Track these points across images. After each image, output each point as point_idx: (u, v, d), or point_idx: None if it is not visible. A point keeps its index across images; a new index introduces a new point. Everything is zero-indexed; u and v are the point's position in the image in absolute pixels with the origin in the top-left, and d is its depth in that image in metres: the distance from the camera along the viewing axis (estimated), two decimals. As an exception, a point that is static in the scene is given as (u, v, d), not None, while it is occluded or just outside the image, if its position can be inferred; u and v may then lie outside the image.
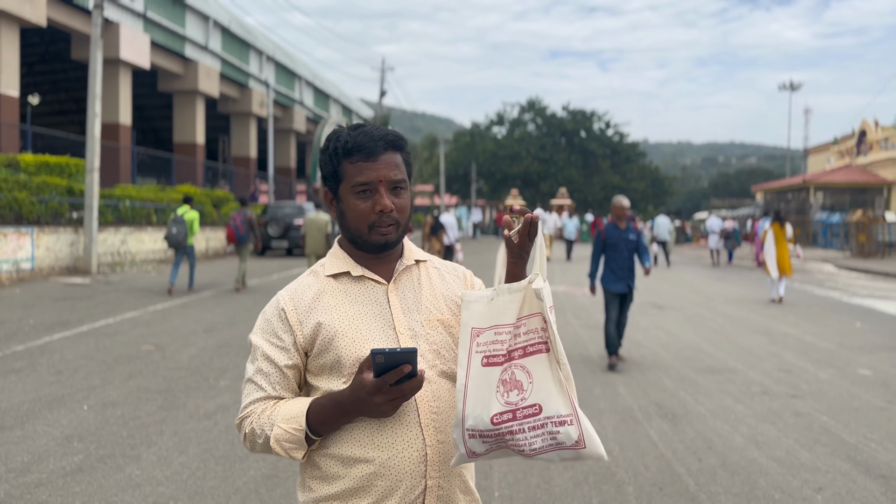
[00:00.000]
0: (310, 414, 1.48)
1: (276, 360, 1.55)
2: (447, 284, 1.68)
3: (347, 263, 1.62)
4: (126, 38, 21.10)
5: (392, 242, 1.59)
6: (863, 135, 39.07)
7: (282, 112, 35.09)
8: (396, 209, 1.57)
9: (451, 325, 1.62)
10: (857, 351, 8.40)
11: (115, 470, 4.15)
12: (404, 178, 1.59)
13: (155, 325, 8.99)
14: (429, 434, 1.51)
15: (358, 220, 1.57)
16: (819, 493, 4.06)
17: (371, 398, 1.40)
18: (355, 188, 1.56)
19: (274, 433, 1.49)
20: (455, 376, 1.58)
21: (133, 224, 17.61)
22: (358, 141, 1.56)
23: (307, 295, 1.59)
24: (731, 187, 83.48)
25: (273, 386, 1.55)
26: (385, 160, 1.56)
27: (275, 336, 1.57)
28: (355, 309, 1.57)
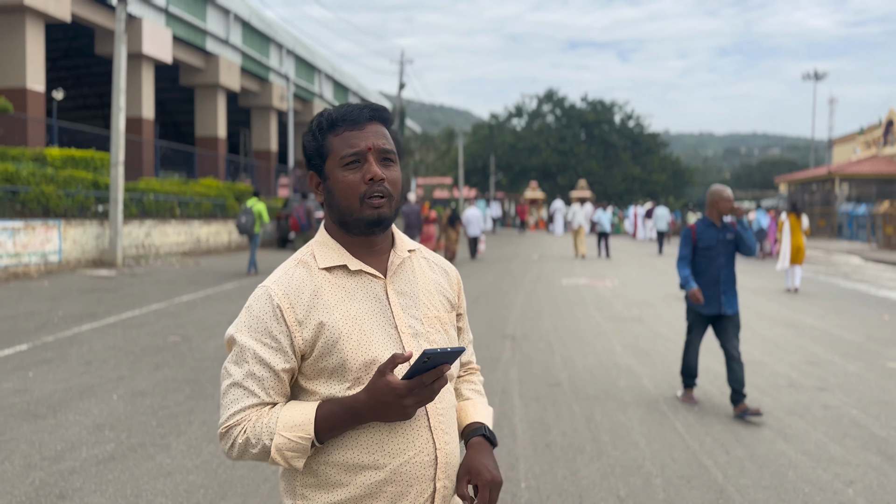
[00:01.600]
0: (317, 421, 1.39)
1: (272, 362, 1.42)
2: (438, 278, 1.63)
3: (343, 256, 1.51)
4: (148, 33, 21.28)
5: (385, 218, 1.48)
6: (890, 124, 38.42)
7: (302, 105, 35.23)
8: (388, 181, 1.48)
9: (445, 322, 1.58)
10: (886, 344, 8.29)
11: (145, 458, 4.21)
12: (394, 150, 1.51)
13: (181, 316, 9.08)
14: (438, 437, 1.47)
15: (347, 193, 1.46)
16: (850, 487, 4.02)
17: (401, 401, 1.34)
18: (343, 160, 1.47)
19: (275, 442, 1.39)
20: (452, 375, 1.58)
21: (157, 217, 17.80)
22: (342, 112, 1.50)
23: (304, 291, 1.46)
24: (753, 179, 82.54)
25: (267, 391, 1.43)
26: (372, 129, 1.49)
27: (268, 336, 1.43)
28: (356, 307, 1.47)
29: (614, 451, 4.51)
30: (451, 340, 1.58)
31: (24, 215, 13.42)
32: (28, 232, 13.08)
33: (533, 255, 22.01)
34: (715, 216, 5.53)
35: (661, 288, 13.65)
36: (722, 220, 5.54)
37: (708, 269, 5.51)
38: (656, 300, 11.78)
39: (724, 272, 5.49)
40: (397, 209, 1.52)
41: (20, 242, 12.87)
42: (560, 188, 51.07)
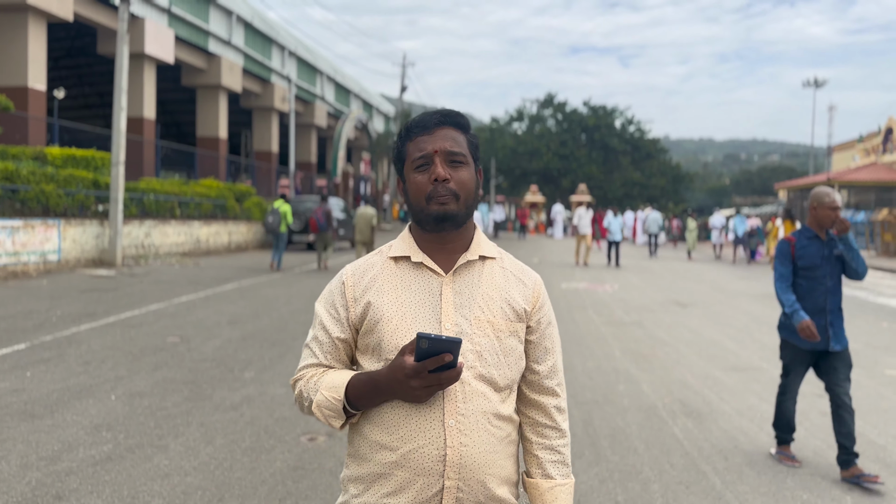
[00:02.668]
0: (349, 387, 1.52)
1: (330, 330, 1.61)
2: (509, 287, 1.63)
3: (410, 248, 1.62)
4: (151, 33, 21.30)
5: (451, 214, 1.55)
6: (889, 132, 38.45)
7: (303, 107, 35.26)
8: (454, 181, 1.55)
9: (500, 329, 1.57)
10: (885, 351, 8.29)
11: (143, 459, 4.20)
12: (463, 153, 1.58)
13: (180, 317, 9.07)
14: (451, 435, 1.49)
15: (417, 193, 1.57)
16: (848, 495, 4.02)
17: (408, 381, 1.42)
18: (414, 163, 1.58)
19: (316, 399, 1.55)
20: (494, 382, 1.55)
21: (157, 217, 17.79)
22: (416, 120, 1.61)
23: (368, 273, 1.62)
24: (753, 185, 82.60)
25: (325, 354, 1.61)
26: (441, 133, 1.58)
27: (333, 307, 1.62)
28: (407, 296, 1.57)
29: (613, 456, 4.50)
30: (504, 347, 1.57)
31: (24, 214, 13.41)
32: (27, 231, 13.08)
33: (533, 259, 22.01)
34: (817, 226, 4.44)
35: (660, 293, 13.65)
36: (827, 233, 4.45)
37: (811, 294, 4.41)
38: (656, 305, 11.78)
39: (830, 298, 4.41)
40: (470, 207, 1.59)
41: (19, 241, 12.86)
42: (561, 192, 51.10)
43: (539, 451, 1.64)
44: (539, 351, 1.64)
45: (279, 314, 9.54)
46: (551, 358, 1.66)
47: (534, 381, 1.64)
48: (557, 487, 1.62)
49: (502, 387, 1.56)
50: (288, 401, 5.50)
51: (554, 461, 1.64)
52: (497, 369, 1.55)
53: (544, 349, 1.65)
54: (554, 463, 1.64)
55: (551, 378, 1.65)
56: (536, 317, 1.64)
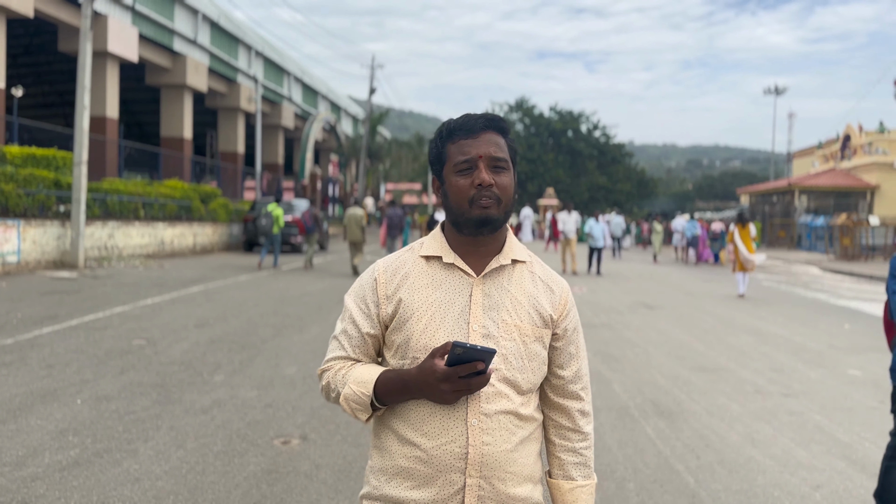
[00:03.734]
0: (377, 383, 1.55)
1: (360, 324, 1.63)
2: (538, 293, 1.64)
3: (442, 248, 1.63)
4: (114, 31, 20.91)
5: (493, 219, 1.56)
6: (847, 139, 39.48)
7: (270, 108, 34.94)
8: (497, 186, 1.56)
9: (526, 334, 1.59)
10: (846, 352, 8.49)
11: (112, 464, 4.10)
12: (506, 158, 1.59)
13: (145, 319, 8.90)
14: (473, 434, 1.52)
15: (459, 196, 1.57)
16: (817, 491, 4.10)
17: (438, 384, 1.46)
18: (457, 166, 1.58)
19: (345, 392, 1.58)
20: (517, 385, 1.57)
21: (120, 218, 17.45)
22: (460, 122, 1.61)
23: (400, 271, 1.63)
24: (715, 190, 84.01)
25: (353, 348, 1.64)
26: (485, 138, 1.58)
27: (363, 302, 1.64)
28: (436, 296, 1.59)
29: (587, 457, 4.52)
30: (529, 352, 1.58)
31: (-18, 214, 13.05)
32: (-14, 231, 12.71)
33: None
34: None
35: (627, 295, 13.80)
36: None
37: None
38: (624, 307, 11.90)
39: None
40: (508, 212, 1.61)
41: (-23, 242, 12.50)
42: (528, 196, 51.41)
43: (561, 454, 1.67)
44: (564, 357, 1.66)
45: (248, 317, 9.42)
46: (576, 363, 1.68)
47: (558, 386, 1.66)
48: (578, 489, 1.66)
49: (525, 390, 1.59)
50: (260, 404, 5.43)
51: (576, 463, 1.67)
52: (521, 373, 1.57)
53: (569, 355, 1.67)
54: (576, 465, 1.67)
55: (575, 383, 1.67)
56: (563, 324, 1.65)
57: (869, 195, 36.06)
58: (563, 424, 1.67)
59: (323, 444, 4.58)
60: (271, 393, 5.74)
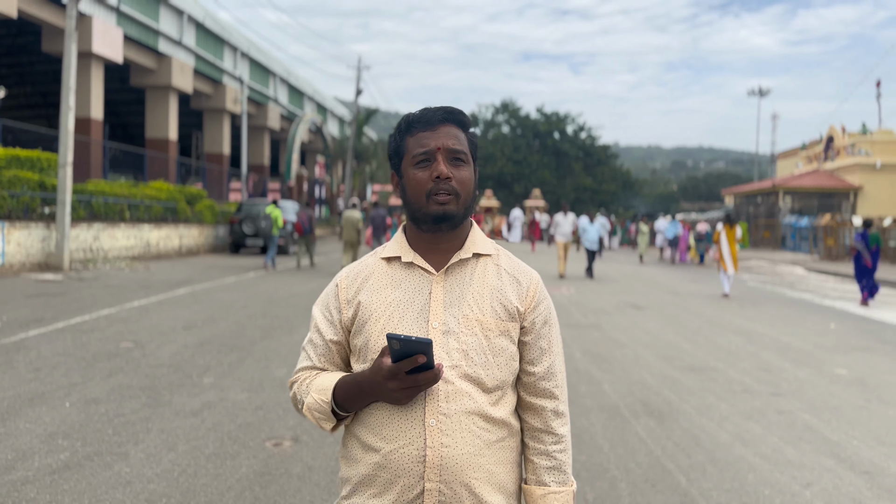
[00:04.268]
0: (336, 389, 1.52)
1: (324, 332, 1.61)
2: (503, 285, 1.58)
3: (402, 248, 1.60)
4: (99, 32, 20.75)
5: (451, 215, 1.52)
6: (830, 140, 39.86)
7: (256, 109, 34.80)
8: (456, 180, 1.53)
9: (489, 328, 1.52)
10: (833, 351, 8.57)
11: (103, 467, 4.07)
12: (465, 151, 1.55)
13: (132, 322, 8.84)
14: (431, 435, 1.45)
15: (416, 189, 1.54)
16: (807, 489, 4.13)
17: (386, 383, 1.41)
18: (415, 158, 1.54)
19: (307, 401, 1.56)
20: (481, 382, 1.50)
21: (106, 220, 17.31)
22: (419, 114, 1.58)
23: (361, 274, 1.61)
24: (699, 191, 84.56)
25: (319, 357, 1.62)
26: (444, 130, 1.55)
27: (327, 310, 1.62)
28: (396, 295, 1.55)
29: (580, 456, 4.54)
30: (493, 347, 1.51)
31: (-35, 216, 12.90)
32: (-31, 234, 12.57)
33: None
34: None
35: (615, 296, 13.86)
36: None
37: None
38: (612, 308, 11.95)
39: None
40: (469, 208, 1.57)
41: (-40, 244, 12.36)
42: (514, 197, 51.53)
43: (534, 457, 1.58)
44: (534, 352, 1.58)
45: (236, 319, 9.38)
46: (548, 359, 1.59)
47: (529, 384, 1.58)
48: (551, 495, 1.55)
49: (490, 387, 1.51)
50: (251, 406, 5.41)
51: (549, 467, 1.57)
52: (484, 369, 1.50)
53: (540, 350, 1.59)
54: (549, 469, 1.57)
55: (548, 380, 1.59)
56: (531, 317, 1.58)
57: (852, 196, 36.44)
58: (535, 425, 1.58)
59: (315, 447, 4.56)
60: (261, 395, 5.72)
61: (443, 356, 1.49)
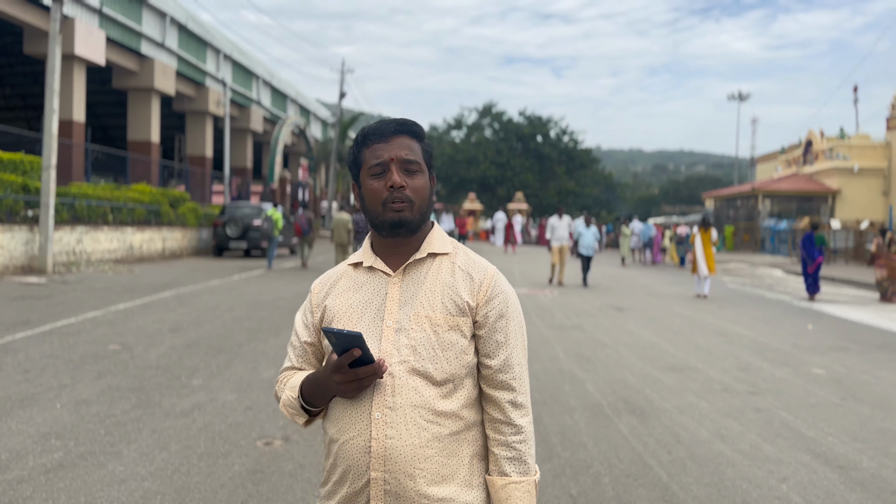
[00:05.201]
0: (302, 385, 1.63)
1: (300, 335, 1.73)
2: (455, 282, 1.63)
3: (365, 254, 1.70)
4: (81, 34, 20.65)
5: (406, 221, 1.60)
6: (809, 145, 40.44)
7: (238, 111, 34.71)
8: (409, 188, 1.60)
9: (438, 324, 1.58)
10: (810, 351, 8.77)
11: (97, 466, 4.13)
12: (417, 161, 1.63)
13: (119, 324, 8.86)
14: (377, 427, 1.52)
15: (373, 199, 1.62)
16: (784, 483, 4.28)
17: (332, 376, 1.52)
18: (371, 169, 1.62)
19: (283, 398, 1.68)
20: (429, 376, 1.55)
21: (89, 223, 17.23)
22: (373, 127, 1.66)
23: (331, 279, 1.73)
24: (680, 194, 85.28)
25: (297, 358, 1.73)
26: (398, 142, 1.62)
27: (304, 313, 1.74)
28: (357, 297, 1.65)
29: (564, 453, 4.67)
30: (442, 342, 1.56)
31: (-53, 219, 12.81)
32: (-49, 236, 12.49)
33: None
34: None
35: (597, 298, 14.03)
36: None
37: None
38: (594, 309, 12.11)
39: None
40: (424, 214, 1.65)
41: (-58, 247, 12.27)
42: (497, 200, 51.72)
43: (495, 448, 1.61)
44: (490, 345, 1.62)
45: (222, 321, 9.42)
46: (504, 352, 1.62)
47: (487, 376, 1.62)
48: (512, 485, 1.58)
49: (439, 381, 1.55)
50: (240, 406, 5.48)
51: (509, 458, 1.59)
52: (433, 363, 1.55)
53: (496, 343, 1.62)
54: (509, 460, 1.59)
55: (505, 372, 1.61)
56: (483, 311, 1.61)
57: (830, 199, 36.99)
58: (495, 417, 1.61)
59: (305, 445, 4.65)
60: (251, 396, 5.79)
61: (392, 352, 1.56)
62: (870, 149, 36.01)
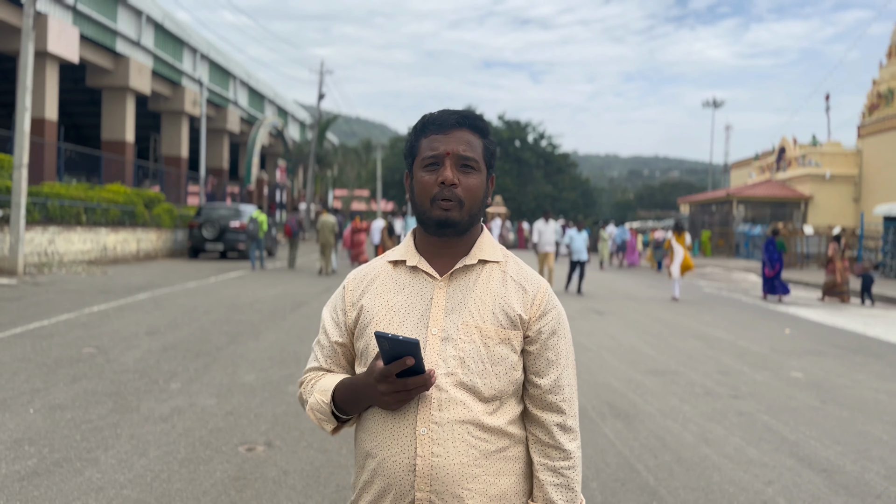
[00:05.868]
0: (335, 391, 1.52)
1: (330, 334, 1.61)
2: (507, 292, 1.53)
3: (409, 251, 1.58)
4: (54, 31, 20.30)
5: (453, 222, 1.49)
6: (782, 151, 41.01)
7: (215, 111, 34.37)
8: (462, 187, 1.50)
9: (489, 336, 1.48)
10: (788, 355, 8.85)
11: (73, 473, 4.01)
12: (476, 159, 1.52)
13: (93, 327, 8.68)
14: (422, 444, 1.42)
15: (422, 193, 1.52)
16: (769, 487, 4.29)
17: (377, 385, 1.40)
18: (424, 161, 1.52)
19: (310, 401, 1.57)
20: (477, 391, 1.46)
21: (62, 223, 16.92)
22: (434, 116, 1.55)
23: (367, 277, 1.60)
24: (655, 199, 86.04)
25: (325, 358, 1.62)
26: (457, 135, 1.52)
27: (335, 311, 1.62)
28: (398, 299, 1.53)
29: (551, 458, 4.63)
30: (492, 355, 1.47)
31: (-86, 218, 12.49)
32: (-82, 236, 12.18)
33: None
34: None
35: (577, 301, 14.05)
36: None
37: None
38: (575, 313, 12.12)
39: None
40: (475, 216, 1.53)
41: None
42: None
43: (541, 473, 1.51)
44: (541, 363, 1.53)
45: (199, 324, 9.27)
46: (555, 371, 1.53)
47: (536, 396, 1.53)
48: None
49: (487, 397, 1.46)
50: (221, 411, 5.37)
51: (556, 484, 1.50)
52: (481, 378, 1.46)
53: (547, 361, 1.53)
54: (556, 486, 1.50)
55: (555, 393, 1.53)
56: (536, 326, 1.52)
57: (803, 205, 37.53)
58: (543, 440, 1.52)
59: (289, 451, 4.56)
60: (231, 400, 5.69)
61: (439, 363, 1.45)
62: (841, 156, 36.60)
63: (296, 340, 8.34)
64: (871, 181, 34.74)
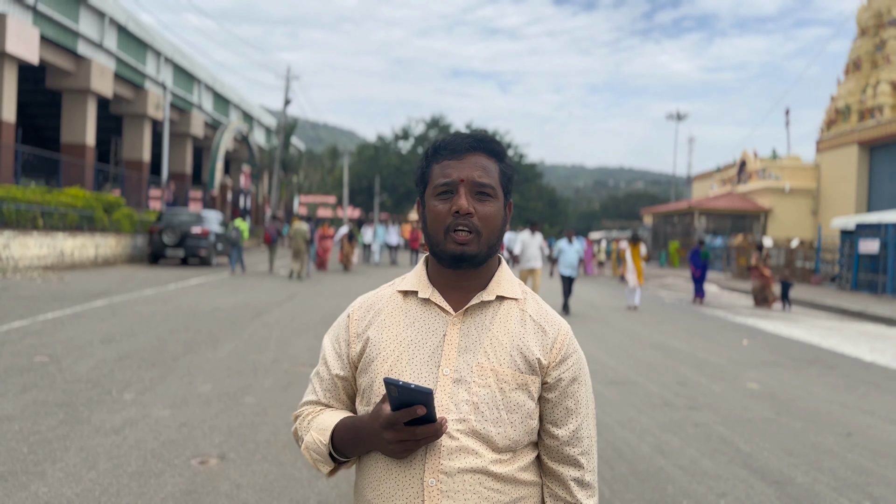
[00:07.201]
0: (335, 430, 1.41)
1: (331, 365, 1.49)
2: (525, 333, 1.42)
3: (420, 282, 1.46)
4: (13, 31, 19.86)
5: (470, 256, 1.38)
6: (743, 164, 41.86)
7: (179, 115, 33.92)
8: (478, 216, 1.38)
9: (505, 380, 1.37)
10: (745, 366, 9.00)
11: (17, 488, 3.90)
12: (492, 185, 1.41)
13: (46, 335, 8.47)
14: (431, 496, 1.31)
15: (435, 223, 1.41)
16: (722, 499, 4.34)
17: (383, 432, 1.29)
18: (437, 189, 1.42)
19: (306, 439, 1.46)
20: (490, 440, 1.35)
21: (17, 227, 16.51)
22: (446, 140, 1.46)
23: (374, 306, 1.48)
24: (620, 210, 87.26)
25: (324, 392, 1.51)
26: (471, 160, 1.41)
27: (337, 341, 1.50)
28: (408, 334, 1.41)
29: (508, 470, 4.63)
30: (508, 402, 1.36)
31: None
32: None
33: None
34: None
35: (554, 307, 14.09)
36: None
37: None
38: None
39: None
40: (493, 247, 1.42)
41: None
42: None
43: None
44: (559, 412, 1.42)
45: (156, 333, 9.10)
46: (574, 421, 1.42)
47: (552, 447, 1.42)
48: None
49: (501, 447, 1.36)
50: (174, 423, 5.27)
51: None
52: (496, 426, 1.35)
53: (566, 410, 1.42)
54: None
55: (573, 445, 1.42)
56: (556, 372, 1.41)
57: (763, 217, 38.31)
58: (559, 495, 1.42)
59: (243, 464, 4.49)
60: (185, 412, 5.58)
61: (450, 408, 1.34)
62: (800, 170, 37.48)
63: (255, 350, 8.23)
64: (829, 195, 35.64)
